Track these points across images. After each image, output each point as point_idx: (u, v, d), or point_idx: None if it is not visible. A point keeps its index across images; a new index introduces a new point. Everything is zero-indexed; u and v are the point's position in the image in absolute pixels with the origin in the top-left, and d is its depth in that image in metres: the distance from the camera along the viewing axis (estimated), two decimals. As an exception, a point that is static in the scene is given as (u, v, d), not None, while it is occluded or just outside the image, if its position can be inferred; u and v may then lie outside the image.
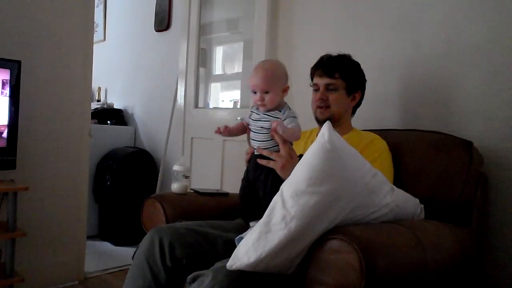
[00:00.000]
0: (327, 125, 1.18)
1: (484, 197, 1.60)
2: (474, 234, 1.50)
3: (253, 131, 1.49)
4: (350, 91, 1.71)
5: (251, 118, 1.51)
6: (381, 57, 2.07)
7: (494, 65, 1.72)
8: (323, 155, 1.11)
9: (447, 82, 1.86)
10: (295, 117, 1.44)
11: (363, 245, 0.99)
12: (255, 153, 1.49)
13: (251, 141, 1.51)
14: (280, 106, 1.46)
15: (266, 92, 1.43)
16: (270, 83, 1.43)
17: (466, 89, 1.80)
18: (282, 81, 1.47)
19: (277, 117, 1.43)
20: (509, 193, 1.66)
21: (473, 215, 1.52)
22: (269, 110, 1.46)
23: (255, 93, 1.45)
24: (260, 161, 1.45)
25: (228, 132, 1.55)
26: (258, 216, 1.19)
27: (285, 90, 1.48)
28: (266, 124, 1.45)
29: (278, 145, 1.43)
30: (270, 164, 1.43)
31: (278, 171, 1.41)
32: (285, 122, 1.41)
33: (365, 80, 1.77)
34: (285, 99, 1.51)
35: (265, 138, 1.46)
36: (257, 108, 1.50)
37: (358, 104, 1.78)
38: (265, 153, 1.45)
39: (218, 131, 1.55)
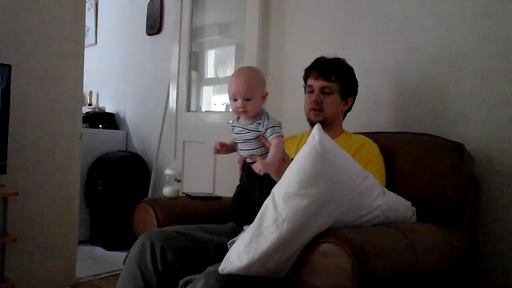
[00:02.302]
0: (317, 128, 1.18)
1: (476, 199, 1.61)
2: (466, 236, 1.51)
3: (238, 143, 1.48)
4: (344, 96, 1.72)
5: (233, 132, 1.49)
6: (373, 61, 2.07)
7: (485, 68, 1.73)
8: (314, 157, 1.11)
9: (438, 85, 1.87)
10: (275, 126, 1.41)
11: (355, 248, 0.99)
12: (247, 161, 1.48)
13: (239, 151, 1.50)
14: (259, 115, 1.44)
15: (248, 99, 1.41)
16: (252, 89, 1.41)
17: (457, 92, 1.81)
18: (262, 87, 1.46)
19: (257, 130, 1.41)
20: (500, 195, 1.67)
21: (465, 217, 1.53)
22: (250, 118, 1.44)
23: (235, 100, 1.42)
24: (255, 168, 1.44)
25: (226, 149, 1.54)
26: (251, 220, 1.19)
27: (264, 96, 1.47)
28: (248, 135, 1.43)
29: (267, 152, 1.41)
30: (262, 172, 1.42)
31: (273, 176, 1.40)
32: (267, 132, 1.39)
33: (357, 86, 1.78)
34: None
35: (252, 147, 1.44)
36: (238, 119, 1.49)
37: (349, 108, 1.79)
38: (257, 159, 1.43)
39: (216, 150, 1.53)
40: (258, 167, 1.33)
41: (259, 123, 1.41)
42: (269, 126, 1.40)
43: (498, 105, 1.69)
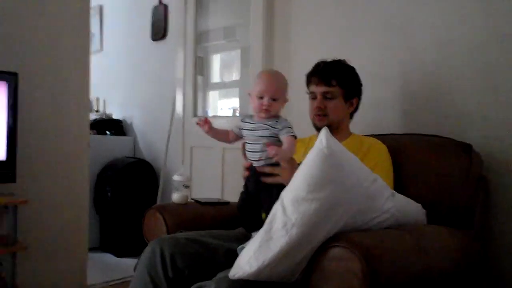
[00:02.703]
0: (324, 131, 1.18)
1: (485, 200, 1.59)
2: (476, 237, 1.50)
3: (249, 143, 1.48)
4: (347, 98, 1.71)
5: (244, 129, 1.50)
6: (378, 62, 2.07)
7: (490, 67, 1.72)
8: (322, 161, 1.11)
9: (444, 85, 1.86)
10: (291, 127, 1.44)
11: (365, 252, 0.99)
12: (254, 165, 1.47)
13: (247, 153, 1.50)
14: (276, 116, 1.47)
15: (274, 99, 1.45)
16: (279, 91, 1.46)
17: (463, 91, 1.80)
18: (286, 92, 1.51)
19: (274, 127, 1.43)
20: (509, 195, 1.66)
21: (475, 218, 1.51)
22: (269, 118, 1.45)
23: (261, 98, 1.45)
24: (265, 179, 1.44)
25: (208, 127, 1.56)
26: (259, 226, 1.18)
27: (285, 101, 1.51)
28: (265, 133, 1.44)
29: None
30: (276, 179, 1.42)
31: (281, 180, 1.40)
32: (282, 132, 1.42)
33: (361, 85, 1.76)
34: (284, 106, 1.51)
35: (263, 149, 1.43)
36: (251, 117, 1.50)
37: (355, 109, 1.77)
38: (267, 170, 1.44)
39: (198, 122, 1.57)
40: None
41: (277, 122, 1.44)
42: (287, 126, 1.43)
43: (505, 104, 1.68)
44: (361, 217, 1.15)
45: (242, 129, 1.52)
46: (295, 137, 1.43)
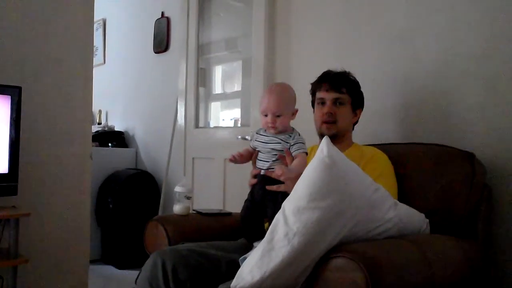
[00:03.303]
0: (325, 141, 1.18)
1: (489, 208, 1.58)
2: (480, 246, 1.48)
3: (261, 153, 1.51)
4: (354, 107, 1.74)
5: (258, 141, 1.53)
6: (380, 71, 2.07)
7: (493, 76, 1.72)
8: (323, 170, 1.11)
9: (446, 94, 1.86)
10: (303, 143, 1.46)
11: (368, 263, 0.98)
12: (262, 173, 1.49)
13: (258, 162, 1.52)
14: (288, 129, 1.49)
15: (278, 116, 1.46)
16: (282, 107, 1.47)
17: (465, 100, 1.79)
18: (292, 104, 1.51)
19: (287, 141, 1.46)
20: (513, 204, 1.64)
21: (478, 227, 1.51)
22: (279, 133, 1.48)
23: (266, 115, 1.48)
24: (269, 187, 1.44)
25: (242, 159, 1.55)
26: (261, 236, 1.18)
27: (294, 113, 1.52)
28: (277, 146, 1.47)
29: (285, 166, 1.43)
30: (281, 188, 1.42)
31: (287, 190, 1.40)
32: (294, 147, 1.44)
33: (363, 98, 1.79)
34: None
35: (274, 159, 1.47)
36: (265, 130, 1.52)
37: (356, 121, 1.79)
38: (274, 176, 1.44)
39: (233, 160, 1.54)
40: (279, 170, 1.36)
41: (290, 136, 1.47)
42: (298, 142, 1.46)
43: (508, 112, 1.67)
44: (363, 226, 1.15)
45: (256, 140, 1.54)
46: (306, 153, 1.45)
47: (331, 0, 2.32)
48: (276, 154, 1.46)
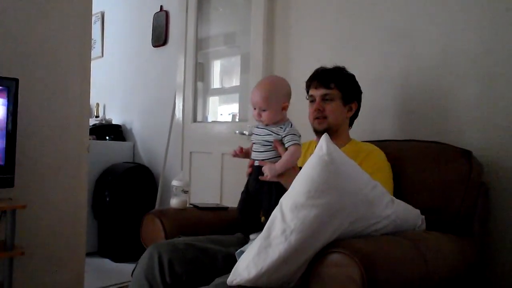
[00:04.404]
0: (324, 138, 1.18)
1: (485, 206, 1.59)
2: (476, 244, 1.49)
3: (255, 144, 1.51)
4: (346, 101, 1.72)
5: (254, 133, 1.53)
6: (378, 69, 2.07)
7: (490, 74, 1.72)
8: (322, 167, 1.11)
9: (444, 92, 1.86)
10: (294, 134, 1.45)
11: (364, 259, 0.99)
12: (256, 163, 1.50)
13: (253, 153, 1.52)
14: (280, 122, 1.48)
15: (264, 110, 1.46)
16: (267, 102, 1.46)
17: (463, 98, 1.80)
18: (280, 99, 1.48)
19: (278, 133, 1.46)
20: (510, 202, 1.65)
21: (475, 225, 1.51)
22: (267, 125, 1.48)
23: (255, 109, 1.49)
24: (262, 178, 1.44)
25: (245, 153, 1.56)
26: (257, 228, 1.18)
27: (284, 108, 1.49)
28: (269, 138, 1.47)
29: (278, 157, 1.43)
30: (274, 178, 1.42)
31: (283, 183, 1.40)
32: (285, 139, 1.44)
33: (361, 92, 1.78)
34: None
35: (266, 150, 1.47)
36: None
37: (355, 115, 1.78)
38: (261, 179, 1.44)
39: (235, 154, 1.55)
40: (265, 171, 1.40)
41: (281, 128, 1.46)
42: (289, 133, 1.44)
43: (505, 110, 1.68)
44: (360, 223, 1.15)
45: (253, 133, 1.54)
46: (298, 144, 1.44)
47: (330, -4, 2.32)
48: (267, 145, 1.47)
